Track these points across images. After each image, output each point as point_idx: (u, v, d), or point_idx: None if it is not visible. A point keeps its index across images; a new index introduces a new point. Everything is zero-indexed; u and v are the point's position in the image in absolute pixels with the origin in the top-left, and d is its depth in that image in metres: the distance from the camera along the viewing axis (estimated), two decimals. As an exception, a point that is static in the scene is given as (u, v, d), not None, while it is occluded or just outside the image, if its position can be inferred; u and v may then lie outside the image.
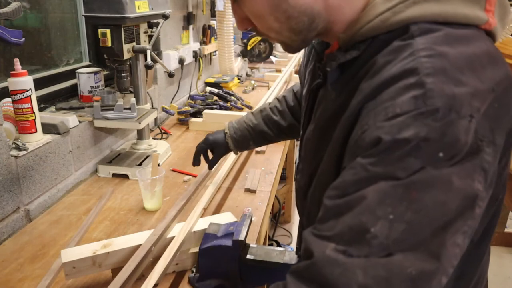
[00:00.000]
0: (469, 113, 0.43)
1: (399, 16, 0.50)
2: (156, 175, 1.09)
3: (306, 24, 0.57)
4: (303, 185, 0.70)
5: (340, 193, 0.48)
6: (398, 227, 0.43)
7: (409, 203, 0.43)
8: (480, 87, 0.45)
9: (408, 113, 0.44)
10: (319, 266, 0.45)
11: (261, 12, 0.58)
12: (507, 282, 2.34)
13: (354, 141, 0.50)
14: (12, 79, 1.03)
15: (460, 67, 0.46)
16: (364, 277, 0.42)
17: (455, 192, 0.43)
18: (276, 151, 1.54)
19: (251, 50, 3.19)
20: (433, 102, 0.43)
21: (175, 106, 1.86)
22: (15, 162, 1.01)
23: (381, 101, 0.47)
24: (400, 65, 0.48)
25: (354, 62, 0.56)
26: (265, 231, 1.29)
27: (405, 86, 0.46)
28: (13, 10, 0.93)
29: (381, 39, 0.52)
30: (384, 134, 0.45)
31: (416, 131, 0.43)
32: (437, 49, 0.47)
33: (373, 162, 0.45)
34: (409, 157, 0.43)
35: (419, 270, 0.42)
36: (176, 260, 0.84)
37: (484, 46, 0.50)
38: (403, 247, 0.43)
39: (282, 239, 2.60)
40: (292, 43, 0.61)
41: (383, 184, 0.44)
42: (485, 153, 0.45)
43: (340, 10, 0.56)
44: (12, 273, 0.86)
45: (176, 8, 2.02)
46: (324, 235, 0.47)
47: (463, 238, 0.45)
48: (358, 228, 0.44)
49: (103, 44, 1.22)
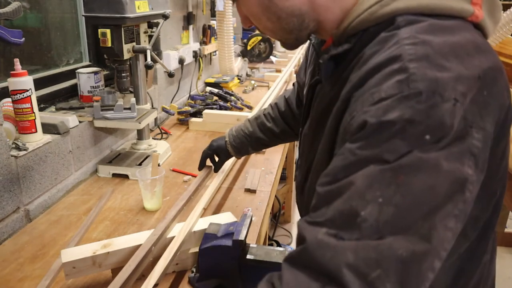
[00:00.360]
0: (453, 96, 0.44)
1: (385, 9, 0.53)
2: (156, 175, 1.09)
3: (296, 24, 0.61)
4: (301, 180, 0.72)
5: (330, 180, 0.48)
6: (387, 210, 0.43)
7: (397, 187, 0.43)
8: (465, 73, 0.46)
9: (392, 97, 0.45)
10: (311, 250, 0.45)
11: (256, 13, 0.62)
12: (507, 282, 2.34)
13: (344, 128, 0.51)
14: (12, 79, 1.03)
15: (443, 54, 0.47)
16: (355, 258, 0.42)
17: (444, 175, 0.44)
18: (276, 151, 1.54)
19: (251, 50, 3.19)
20: (416, 85, 0.45)
21: (175, 106, 1.86)
22: (15, 162, 1.01)
23: (368, 88, 0.49)
24: (385, 53, 0.49)
25: (346, 55, 0.57)
26: (265, 231, 1.29)
27: (390, 72, 0.47)
28: (13, 10, 0.93)
29: (371, 31, 0.54)
30: (370, 117, 0.46)
31: (400, 113, 0.44)
32: (420, 37, 0.48)
33: (360, 146, 0.46)
34: (395, 139, 0.44)
35: (410, 252, 0.42)
36: (176, 260, 0.84)
37: (469, 36, 0.51)
38: (393, 230, 0.43)
39: (282, 239, 2.60)
40: (287, 41, 0.66)
41: (371, 168, 0.45)
42: (473, 138, 0.45)
43: (328, 10, 0.59)
44: (12, 273, 0.86)
45: (176, 8, 2.02)
46: (316, 221, 0.47)
47: (455, 222, 0.45)
48: (349, 212, 0.45)
49: (103, 44, 1.22)
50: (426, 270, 0.43)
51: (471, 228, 0.57)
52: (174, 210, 0.92)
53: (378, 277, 0.42)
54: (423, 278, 0.43)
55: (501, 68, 0.51)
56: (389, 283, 0.42)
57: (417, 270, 0.43)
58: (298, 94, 1.01)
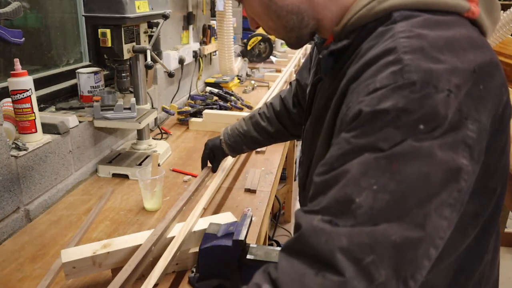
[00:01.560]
0: (447, 87, 0.45)
1: (383, 5, 0.54)
2: (156, 175, 1.09)
3: (296, 22, 0.63)
4: (303, 176, 0.73)
5: (327, 169, 0.49)
6: (382, 197, 0.44)
7: (392, 174, 0.44)
8: (459, 65, 0.47)
9: (387, 87, 0.46)
10: (306, 236, 0.46)
11: (258, 13, 0.65)
12: (507, 282, 2.34)
13: (340, 120, 0.53)
14: (12, 79, 1.03)
15: (438, 47, 0.48)
16: (349, 243, 0.43)
17: (438, 164, 0.44)
18: (276, 151, 1.54)
19: (251, 50, 3.19)
20: (410, 76, 0.45)
21: (175, 106, 1.86)
22: (15, 162, 1.01)
23: (364, 79, 0.50)
24: (381, 46, 0.50)
25: (346, 51, 0.59)
26: (265, 231, 1.29)
27: (384, 64, 0.48)
28: (13, 10, 0.93)
29: (369, 27, 0.56)
30: (365, 106, 0.47)
31: (394, 102, 0.45)
32: (415, 31, 0.49)
33: (355, 134, 0.47)
34: (389, 127, 0.45)
35: (404, 238, 0.43)
36: (176, 260, 0.84)
37: (465, 31, 0.52)
38: (387, 217, 0.43)
39: (282, 239, 2.60)
40: (289, 40, 0.68)
41: (366, 156, 0.45)
42: (468, 129, 0.46)
43: (326, 8, 0.61)
44: (12, 273, 0.86)
45: (176, 8, 2.02)
46: (312, 210, 0.48)
47: (450, 211, 0.45)
48: (343, 199, 0.45)
49: (103, 44, 1.22)
50: (422, 257, 0.43)
51: (471, 224, 0.57)
52: (174, 210, 0.92)
53: (372, 262, 0.42)
54: (418, 265, 0.43)
55: (497, 63, 0.52)
56: (383, 269, 0.42)
57: (411, 256, 0.43)
58: (296, 94, 1.02)
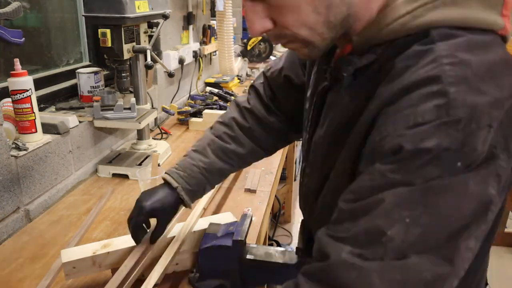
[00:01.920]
0: (488, 123, 0.44)
1: (418, 20, 0.50)
2: (156, 175, 1.09)
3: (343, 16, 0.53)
4: (314, 190, 0.69)
5: (356, 197, 0.48)
6: (414, 230, 0.44)
7: (425, 207, 0.44)
8: (499, 95, 0.46)
9: (430, 123, 0.44)
10: (334, 269, 0.46)
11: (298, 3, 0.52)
12: (507, 282, 2.34)
13: (372, 146, 0.50)
14: (12, 79, 1.03)
15: (481, 76, 0.46)
16: (380, 280, 0.43)
17: (470, 197, 0.44)
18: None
19: (251, 50, 3.19)
20: (456, 112, 0.44)
21: (175, 106, 1.86)
22: (15, 162, 1.01)
23: (402, 107, 0.47)
24: (422, 71, 0.47)
25: (369, 66, 0.55)
26: (265, 231, 1.29)
27: (427, 94, 0.46)
28: (13, 10, 0.93)
29: (399, 43, 0.51)
30: (406, 142, 0.45)
31: (438, 141, 0.43)
32: (459, 56, 0.47)
33: (393, 169, 0.46)
34: (429, 165, 0.44)
35: (434, 274, 0.43)
36: (176, 260, 0.84)
37: (501, 52, 0.50)
38: (418, 250, 0.43)
39: (282, 239, 2.60)
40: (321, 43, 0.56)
41: (400, 190, 0.45)
42: (499, 159, 0.45)
43: (368, 5, 0.53)
44: (12, 273, 0.86)
45: (176, 8, 2.02)
46: (339, 237, 0.48)
47: (475, 243, 0.46)
48: (374, 231, 0.45)
49: (103, 44, 1.22)
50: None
51: None
52: (174, 210, 0.92)
53: None
54: None
55: None
56: None
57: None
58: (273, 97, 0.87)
